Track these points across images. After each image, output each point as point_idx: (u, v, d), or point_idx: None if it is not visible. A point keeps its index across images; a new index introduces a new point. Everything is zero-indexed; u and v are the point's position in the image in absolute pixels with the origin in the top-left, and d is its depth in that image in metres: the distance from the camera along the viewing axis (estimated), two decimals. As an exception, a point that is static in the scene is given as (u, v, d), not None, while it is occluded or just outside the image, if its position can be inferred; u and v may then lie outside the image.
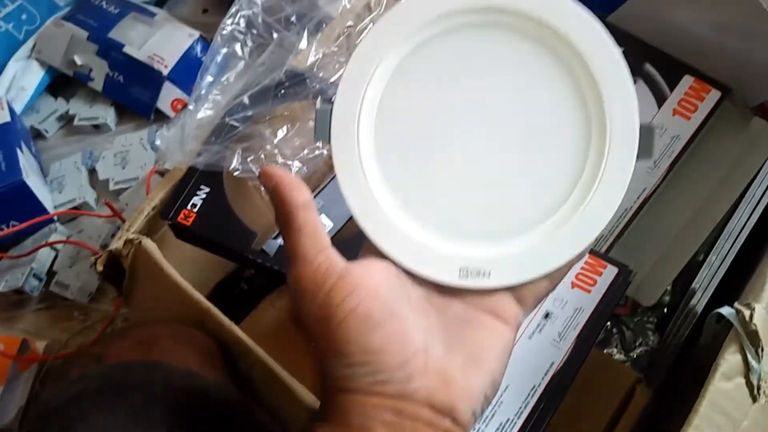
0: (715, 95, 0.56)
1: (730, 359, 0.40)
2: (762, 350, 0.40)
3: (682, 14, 0.56)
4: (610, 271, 0.51)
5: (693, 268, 0.59)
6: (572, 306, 0.50)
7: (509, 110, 0.35)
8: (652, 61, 0.57)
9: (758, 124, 0.57)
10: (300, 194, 0.32)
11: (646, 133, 0.34)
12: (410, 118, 0.36)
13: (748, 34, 0.54)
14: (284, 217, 0.32)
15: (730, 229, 0.44)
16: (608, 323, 0.59)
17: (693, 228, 0.56)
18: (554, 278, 0.35)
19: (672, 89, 0.57)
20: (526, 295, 0.34)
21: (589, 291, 0.50)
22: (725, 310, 0.41)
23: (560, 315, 0.50)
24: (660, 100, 0.57)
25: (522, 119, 0.35)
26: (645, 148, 0.34)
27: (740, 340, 0.40)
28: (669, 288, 0.58)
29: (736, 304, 0.41)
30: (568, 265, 0.35)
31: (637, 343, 0.62)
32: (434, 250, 0.35)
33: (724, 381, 0.40)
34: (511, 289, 0.34)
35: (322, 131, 0.35)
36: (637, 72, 0.58)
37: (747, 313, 0.40)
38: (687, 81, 0.57)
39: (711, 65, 0.56)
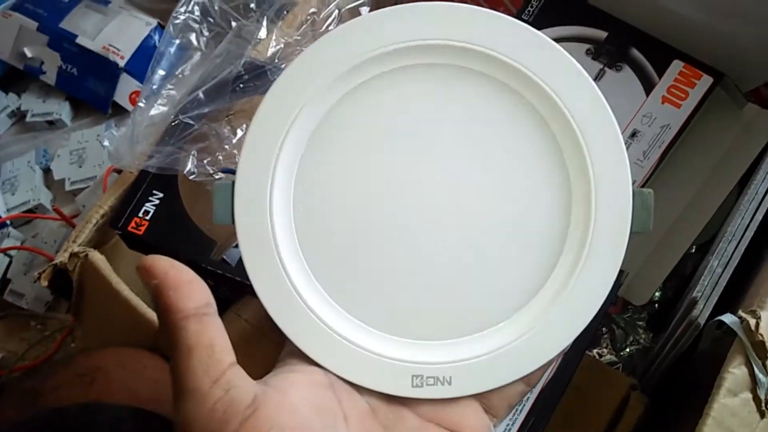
0: (706, 81, 0.52)
1: (735, 373, 0.37)
2: (769, 362, 0.36)
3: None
4: (600, 273, 0.47)
5: (685, 261, 0.56)
6: None
7: (467, 177, 0.28)
8: (639, 45, 0.54)
9: (752, 111, 0.54)
10: (191, 297, 0.23)
11: (642, 200, 0.28)
12: (339, 191, 0.28)
13: (736, 15, 0.51)
14: (168, 332, 0.24)
15: (732, 232, 0.40)
16: (597, 324, 0.56)
17: (685, 222, 0.53)
18: (531, 379, 0.29)
19: (661, 75, 0.53)
20: (497, 402, 0.28)
21: None
22: (728, 318, 0.38)
23: None
24: (648, 87, 0.53)
25: (483, 188, 0.28)
26: (641, 218, 0.28)
27: (746, 351, 0.37)
28: (660, 284, 0.55)
29: (740, 312, 0.37)
30: (548, 365, 0.29)
31: (628, 342, 0.59)
32: (379, 355, 0.28)
33: (730, 397, 0.36)
34: (478, 396, 0.28)
35: (223, 212, 0.28)
36: (623, 58, 0.54)
37: (752, 321, 0.37)
38: (676, 66, 0.53)
39: (701, 49, 0.53)
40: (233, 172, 0.30)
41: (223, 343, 0.24)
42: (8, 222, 0.74)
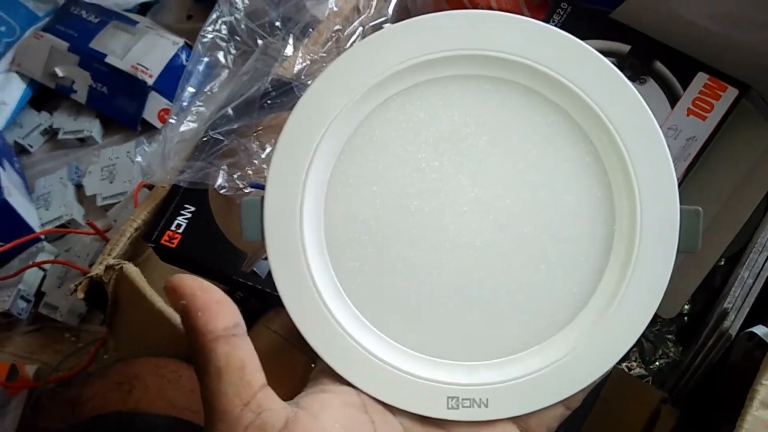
0: (731, 93, 0.52)
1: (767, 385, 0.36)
2: (801, 373, 0.36)
3: (684, 7, 0.53)
4: (628, 285, 0.47)
5: (714, 274, 0.56)
6: None
7: (504, 193, 0.27)
8: (663, 58, 0.54)
9: (779, 123, 0.53)
10: (220, 318, 0.23)
11: (690, 219, 0.27)
12: (370, 207, 0.27)
13: (758, 26, 0.51)
14: (197, 354, 0.23)
15: (762, 243, 0.40)
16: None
17: (714, 234, 0.53)
18: (571, 402, 0.28)
19: (685, 88, 0.53)
20: (535, 425, 0.27)
21: None
22: (759, 330, 0.38)
23: None
24: (673, 100, 0.53)
25: (521, 205, 0.27)
26: (689, 238, 0.27)
27: (777, 363, 0.36)
28: (689, 297, 0.55)
29: (770, 323, 0.37)
30: (589, 388, 0.28)
31: (657, 355, 0.59)
32: (414, 375, 0.27)
33: (763, 409, 0.36)
34: (516, 419, 0.27)
35: (252, 229, 0.27)
36: (647, 71, 0.54)
37: (783, 333, 0.36)
38: (701, 79, 0.53)
39: (726, 61, 0.53)
40: (262, 187, 0.29)
41: (253, 365, 0.24)
42: (42, 237, 0.76)
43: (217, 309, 0.23)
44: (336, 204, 0.28)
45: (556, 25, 0.56)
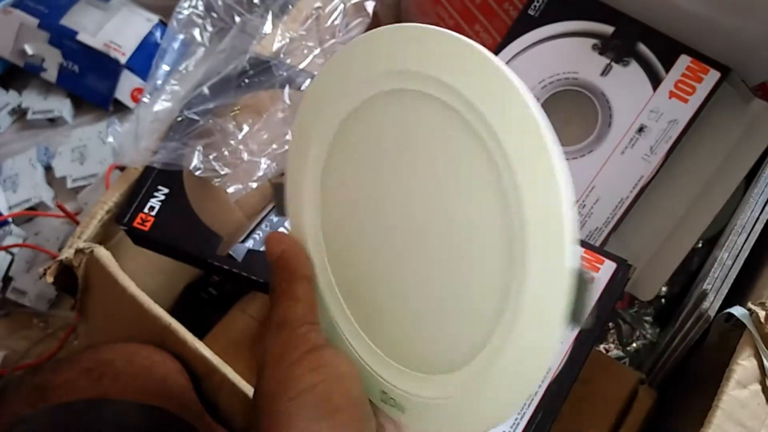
0: (713, 76, 0.52)
1: (744, 365, 0.37)
2: (779, 354, 0.36)
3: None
4: (608, 267, 0.47)
5: (691, 256, 0.56)
6: None
7: (423, 216, 0.27)
8: (646, 40, 0.54)
9: (759, 106, 0.53)
10: (305, 268, 0.30)
11: (579, 287, 0.23)
12: (347, 205, 0.30)
13: (742, 10, 0.51)
14: (284, 285, 0.30)
15: (742, 224, 0.40)
16: (603, 319, 0.55)
17: (692, 217, 0.53)
18: None
19: (668, 70, 0.53)
20: None
21: None
22: (737, 311, 0.38)
23: None
24: (655, 82, 0.53)
25: (434, 228, 0.27)
26: (577, 311, 0.23)
27: (755, 343, 0.37)
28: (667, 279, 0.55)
29: (749, 304, 0.37)
30: None
31: (635, 337, 0.59)
32: (363, 360, 0.30)
33: (739, 389, 0.36)
34: None
35: (281, 206, 0.33)
36: (630, 52, 0.54)
37: (762, 314, 0.37)
38: (684, 61, 0.53)
39: (708, 44, 0.53)
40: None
41: (318, 309, 0.30)
42: (10, 220, 0.73)
43: (305, 260, 0.31)
44: (327, 194, 0.31)
45: (540, 5, 0.56)
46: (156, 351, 0.41)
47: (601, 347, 0.59)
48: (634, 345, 0.59)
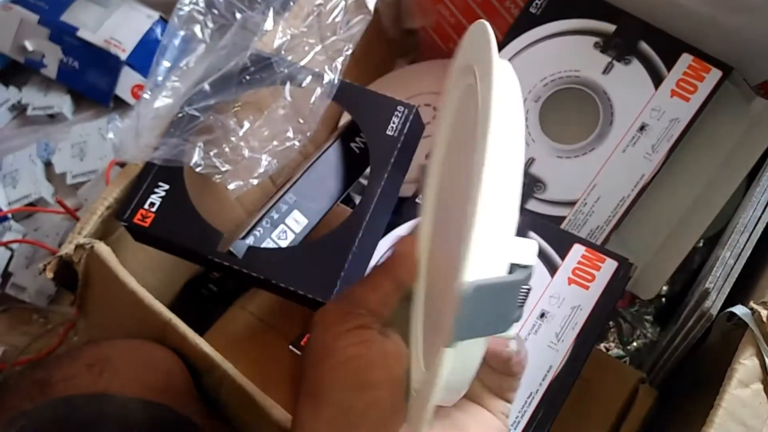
0: (715, 75, 0.52)
1: (746, 364, 0.37)
2: (781, 353, 0.36)
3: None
4: (609, 265, 0.47)
5: (692, 255, 0.56)
6: (569, 304, 0.46)
7: None
8: (648, 39, 0.53)
9: (761, 105, 0.53)
10: (402, 273, 0.31)
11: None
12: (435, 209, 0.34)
13: (744, 9, 0.51)
14: (376, 274, 0.31)
15: (744, 223, 0.40)
16: (604, 318, 0.55)
17: (694, 216, 0.53)
18: None
19: (669, 69, 0.53)
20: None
21: (587, 287, 0.47)
22: (739, 310, 0.38)
23: (557, 314, 0.46)
24: (657, 80, 0.53)
25: None
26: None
27: (757, 342, 0.37)
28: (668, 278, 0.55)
29: (751, 303, 0.37)
30: None
31: (635, 336, 0.59)
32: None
33: (741, 388, 0.36)
34: None
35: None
36: (632, 51, 0.54)
37: (764, 313, 0.37)
38: (685, 60, 0.53)
39: (710, 43, 0.52)
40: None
41: (388, 307, 0.31)
42: (9, 215, 0.73)
43: (411, 268, 0.31)
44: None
45: (542, 4, 0.55)
46: (157, 347, 0.41)
47: (602, 346, 0.59)
48: (635, 344, 0.59)
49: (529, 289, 0.26)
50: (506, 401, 0.32)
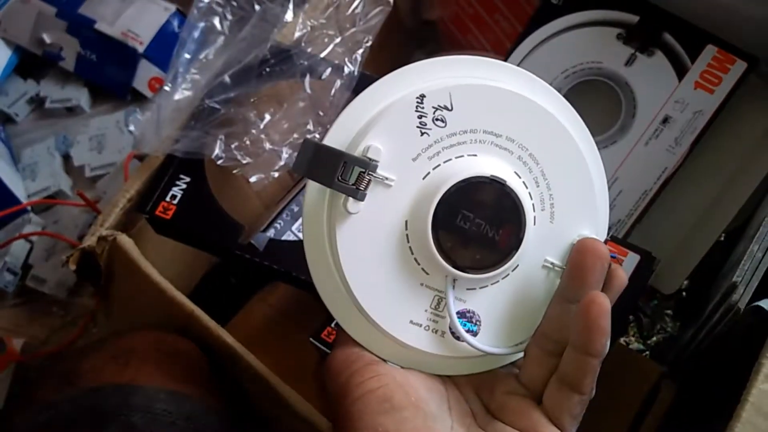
0: (740, 66, 0.51)
1: (774, 359, 0.36)
2: (808, 348, 0.36)
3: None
4: (632, 259, 0.47)
5: (713, 249, 0.55)
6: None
7: None
8: (672, 30, 0.53)
9: (786, 96, 0.53)
10: None
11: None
12: None
13: (765, -2, 0.50)
14: None
15: (774, 216, 0.40)
16: (625, 312, 0.55)
17: (716, 210, 0.52)
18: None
19: (693, 60, 0.52)
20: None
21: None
22: (766, 304, 0.37)
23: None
24: (681, 72, 0.52)
25: None
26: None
27: (784, 337, 0.36)
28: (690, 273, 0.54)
29: (779, 298, 0.37)
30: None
31: (655, 330, 0.59)
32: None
33: (768, 383, 0.36)
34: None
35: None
36: (655, 42, 0.53)
37: (792, 308, 0.36)
38: (710, 51, 0.52)
39: (735, 34, 0.52)
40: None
41: None
42: (29, 208, 0.74)
43: None
44: None
45: (563, -4, 0.55)
46: (180, 338, 0.42)
47: (621, 340, 0.58)
48: (655, 339, 0.59)
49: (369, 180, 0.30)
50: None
